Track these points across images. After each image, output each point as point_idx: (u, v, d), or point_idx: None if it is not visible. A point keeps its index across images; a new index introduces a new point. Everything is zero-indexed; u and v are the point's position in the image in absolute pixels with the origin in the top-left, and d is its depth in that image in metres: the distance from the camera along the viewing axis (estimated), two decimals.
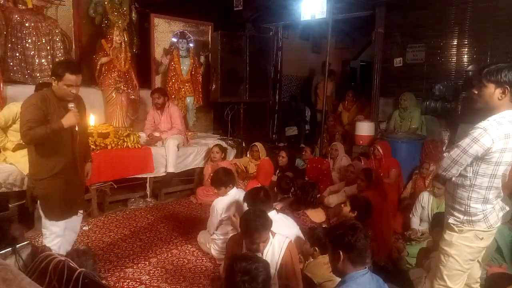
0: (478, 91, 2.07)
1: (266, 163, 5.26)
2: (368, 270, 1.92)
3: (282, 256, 2.46)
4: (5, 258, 1.68)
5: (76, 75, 2.63)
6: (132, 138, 4.70)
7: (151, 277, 3.13)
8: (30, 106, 2.57)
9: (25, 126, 2.52)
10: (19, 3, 4.68)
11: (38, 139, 2.59)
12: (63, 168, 2.71)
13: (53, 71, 2.74)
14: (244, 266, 1.88)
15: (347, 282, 1.88)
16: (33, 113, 2.55)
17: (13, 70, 4.65)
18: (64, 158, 2.72)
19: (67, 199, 2.80)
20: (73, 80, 2.61)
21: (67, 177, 2.76)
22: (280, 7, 6.83)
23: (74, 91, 2.66)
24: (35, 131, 2.52)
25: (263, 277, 1.88)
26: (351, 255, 1.88)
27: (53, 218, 2.78)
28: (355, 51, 10.69)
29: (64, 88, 2.61)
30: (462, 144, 2.03)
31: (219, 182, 3.48)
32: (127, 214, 4.52)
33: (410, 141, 5.27)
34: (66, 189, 2.77)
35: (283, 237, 2.57)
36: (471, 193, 2.09)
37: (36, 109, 2.56)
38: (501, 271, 2.99)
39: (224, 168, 3.85)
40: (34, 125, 2.52)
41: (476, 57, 5.33)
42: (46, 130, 2.55)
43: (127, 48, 5.42)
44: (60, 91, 2.63)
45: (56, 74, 2.62)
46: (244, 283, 1.83)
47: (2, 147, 3.89)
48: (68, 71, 2.58)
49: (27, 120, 2.53)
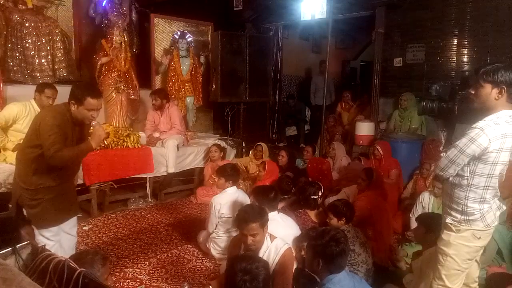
0: (475, 91, 2.08)
1: (272, 165, 5.22)
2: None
3: (276, 262, 2.42)
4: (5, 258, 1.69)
5: (98, 99, 2.52)
6: (132, 138, 4.71)
7: (151, 277, 3.14)
8: (54, 126, 2.44)
9: (53, 148, 2.39)
10: (19, 3, 4.69)
11: (66, 162, 2.50)
12: (58, 183, 2.60)
13: (72, 95, 2.54)
14: (244, 266, 1.89)
15: (325, 285, 1.97)
16: (58, 134, 2.43)
17: (13, 70, 4.66)
18: (62, 173, 2.61)
19: (58, 209, 2.66)
20: (94, 105, 2.49)
21: (59, 190, 2.63)
22: (280, 7, 6.83)
23: (95, 115, 2.55)
24: (65, 152, 2.42)
25: (263, 276, 1.88)
26: (329, 266, 1.96)
27: (42, 226, 2.63)
28: (355, 51, 10.69)
29: (85, 112, 2.50)
30: (459, 144, 2.04)
31: (223, 173, 3.52)
32: (127, 214, 4.53)
33: (410, 141, 5.27)
34: (60, 198, 2.64)
35: (282, 243, 2.52)
36: (469, 193, 2.10)
37: (59, 129, 2.45)
38: (501, 271, 3.00)
39: (235, 165, 3.89)
40: (61, 147, 2.42)
41: (476, 57, 5.32)
42: (74, 151, 2.48)
43: (127, 48, 5.43)
44: (80, 115, 2.51)
45: (76, 98, 2.48)
46: (245, 283, 1.84)
47: (2, 147, 3.90)
48: (89, 96, 2.47)
49: (53, 142, 2.40)
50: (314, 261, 2.02)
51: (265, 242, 2.49)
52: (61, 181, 2.63)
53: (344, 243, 2.01)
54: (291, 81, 9.20)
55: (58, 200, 2.64)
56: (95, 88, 2.72)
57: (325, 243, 1.99)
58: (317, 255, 2.01)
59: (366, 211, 3.52)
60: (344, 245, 2.01)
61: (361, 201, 3.56)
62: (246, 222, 2.40)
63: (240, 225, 2.46)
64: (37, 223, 2.63)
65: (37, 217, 2.62)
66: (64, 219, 2.74)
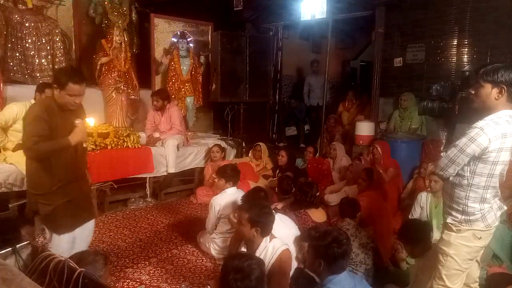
0: (475, 91, 2.08)
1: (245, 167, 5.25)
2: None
3: (272, 262, 2.40)
4: (5, 258, 1.69)
5: (80, 85, 2.44)
6: (132, 138, 4.71)
7: (151, 277, 3.14)
8: (36, 119, 2.39)
9: (31, 141, 2.35)
10: (19, 3, 4.69)
11: (44, 155, 2.44)
12: (65, 183, 2.55)
13: (55, 78, 2.49)
14: (236, 264, 1.86)
15: (326, 285, 1.96)
16: (39, 126, 2.37)
17: (13, 70, 4.67)
18: (66, 172, 2.56)
19: (72, 213, 2.62)
20: (76, 90, 2.42)
21: (70, 191, 2.59)
22: (280, 7, 6.82)
23: (78, 101, 2.49)
24: (41, 146, 2.37)
25: (256, 275, 1.85)
26: (331, 267, 1.95)
27: (57, 232, 2.61)
28: (355, 51, 10.67)
29: (67, 97, 2.43)
30: (459, 143, 2.03)
31: (223, 174, 3.52)
32: (127, 214, 4.52)
33: (410, 141, 5.27)
34: (71, 203, 2.60)
35: (280, 243, 2.49)
36: (469, 193, 2.09)
37: (41, 122, 2.38)
38: (501, 271, 3.00)
39: (235, 166, 3.89)
40: (40, 140, 2.36)
41: (476, 57, 5.32)
42: (53, 146, 2.42)
43: (127, 48, 5.44)
44: (62, 100, 2.44)
45: (58, 83, 2.42)
46: (236, 281, 1.80)
47: (2, 147, 3.90)
48: (71, 80, 2.39)
49: (32, 134, 2.36)
50: (315, 261, 2.01)
51: (263, 242, 2.47)
52: (67, 179, 2.57)
53: (346, 245, 2.00)
54: (291, 81, 9.19)
55: (72, 204, 2.61)
56: (78, 73, 2.56)
57: (327, 244, 1.98)
58: (319, 256, 1.99)
59: (366, 211, 3.52)
60: (347, 246, 1.99)
61: (361, 201, 3.55)
62: (241, 209, 2.47)
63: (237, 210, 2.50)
64: (52, 228, 2.61)
65: (52, 222, 2.60)
66: (78, 224, 2.70)
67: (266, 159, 5.74)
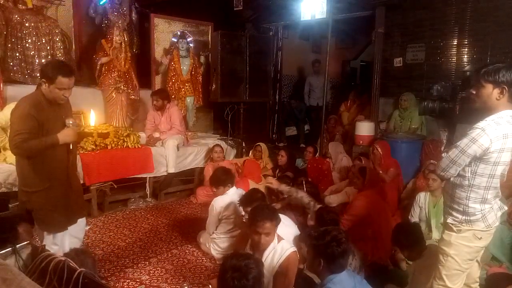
0: (476, 91, 2.08)
1: (252, 164, 5.30)
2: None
3: (279, 263, 2.43)
4: (5, 258, 1.69)
5: (69, 78, 2.43)
6: (132, 138, 4.71)
7: (151, 277, 3.14)
8: (23, 115, 2.36)
9: (18, 138, 2.32)
10: (19, 3, 4.69)
11: (31, 152, 2.41)
12: (56, 181, 2.55)
13: (43, 72, 2.46)
14: (234, 263, 1.87)
15: (326, 285, 1.97)
16: (27, 123, 2.35)
17: (13, 70, 4.66)
18: (57, 171, 2.55)
19: (64, 211, 2.62)
20: (65, 83, 2.42)
21: (61, 189, 2.59)
22: (280, 7, 6.82)
23: (67, 94, 2.48)
24: (29, 144, 2.34)
25: (253, 274, 1.85)
26: (331, 266, 1.95)
27: (49, 231, 2.61)
28: (355, 51, 10.67)
29: (56, 91, 2.42)
30: (460, 144, 2.03)
31: (218, 182, 3.50)
32: (127, 214, 4.52)
33: (410, 141, 5.27)
34: (63, 201, 2.60)
35: (288, 245, 2.53)
36: (470, 193, 2.09)
37: (29, 119, 2.36)
38: (501, 271, 3.00)
39: (223, 168, 3.87)
40: (27, 137, 2.34)
41: (476, 57, 5.32)
42: (41, 144, 2.39)
43: (127, 48, 5.43)
44: (52, 94, 2.43)
45: (47, 77, 2.40)
46: (233, 280, 1.81)
47: (2, 147, 3.90)
48: (60, 74, 2.38)
49: (19, 131, 2.33)
50: (315, 261, 2.01)
51: (272, 243, 2.50)
52: (58, 177, 2.57)
53: (345, 243, 2.01)
54: (291, 81, 9.20)
55: (62, 204, 2.60)
56: (67, 66, 2.55)
57: (327, 243, 1.99)
58: (318, 255, 2.00)
59: (364, 210, 3.51)
60: (346, 245, 2.00)
61: (359, 200, 3.55)
62: (261, 220, 2.41)
63: (254, 223, 2.44)
64: (44, 228, 2.62)
65: (43, 222, 2.61)
66: (69, 223, 2.71)
67: (266, 159, 5.74)
